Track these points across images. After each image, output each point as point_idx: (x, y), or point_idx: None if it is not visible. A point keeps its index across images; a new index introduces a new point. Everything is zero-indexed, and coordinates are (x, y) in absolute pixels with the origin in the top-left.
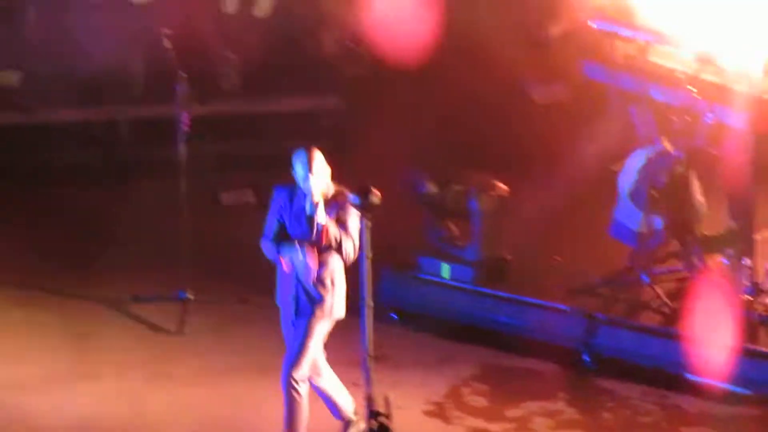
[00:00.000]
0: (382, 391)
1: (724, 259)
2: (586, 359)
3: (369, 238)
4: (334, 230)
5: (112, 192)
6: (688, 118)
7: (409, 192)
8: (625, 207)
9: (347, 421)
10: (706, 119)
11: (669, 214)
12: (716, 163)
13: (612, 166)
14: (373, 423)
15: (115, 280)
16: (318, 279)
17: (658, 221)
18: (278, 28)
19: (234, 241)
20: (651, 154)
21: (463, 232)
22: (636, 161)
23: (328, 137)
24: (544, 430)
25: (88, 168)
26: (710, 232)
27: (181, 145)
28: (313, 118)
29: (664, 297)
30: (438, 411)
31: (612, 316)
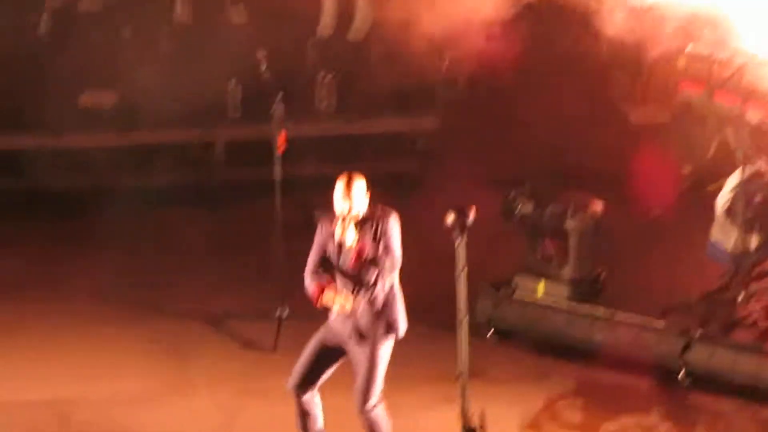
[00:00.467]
0: (478, 407)
1: None
2: (682, 376)
3: (464, 256)
4: (369, 250)
5: (209, 212)
6: None
7: (505, 211)
8: (721, 226)
9: None
10: None
11: (764, 232)
12: None
13: (709, 187)
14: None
15: (210, 297)
16: (370, 305)
17: (753, 240)
18: (374, 49)
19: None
20: (747, 173)
21: (558, 250)
22: (732, 180)
23: (424, 158)
24: None
25: (184, 189)
26: None
27: (277, 166)
28: (409, 139)
29: (760, 314)
30: (534, 426)
31: (707, 333)
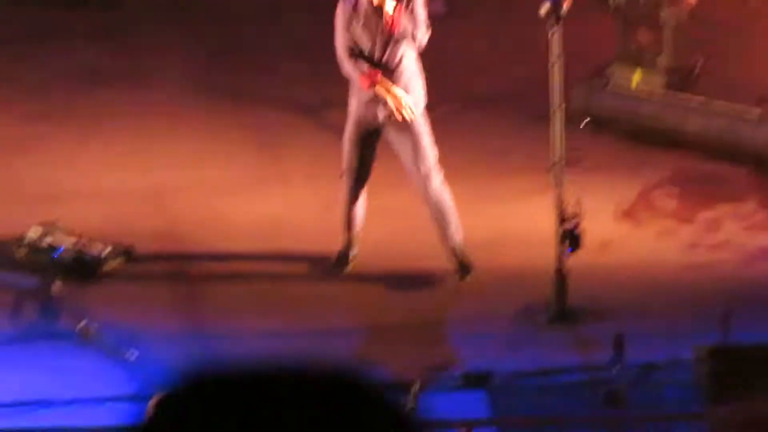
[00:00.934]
0: (573, 196)
1: None
2: None
3: (559, 46)
4: (404, 20)
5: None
6: None
7: (598, 1)
8: None
9: None
10: None
11: None
12: None
13: None
14: (566, 225)
15: (307, 84)
16: (402, 72)
17: None
18: None
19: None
20: None
21: (653, 39)
22: None
23: None
24: (735, 231)
25: None
26: None
27: None
28: None
29: None
30: (629, 215)
31: None
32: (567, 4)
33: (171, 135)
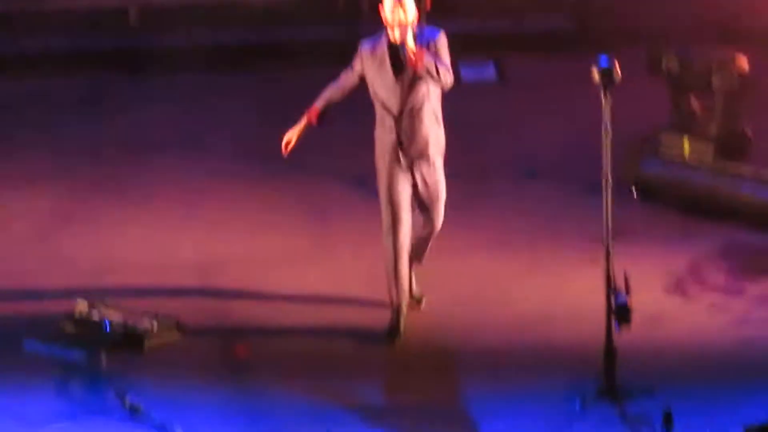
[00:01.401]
0: (622, 267)
1: None
2: None
3: (610, 114)
4: (427, 57)
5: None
6: None
7: (650, 66)
8: None
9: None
10: None
11: None
12: None
13: None
14: (615, 299)
15: (353, 155)
16: (424, 116)
17: None
18: None
19: (472, 118)
20: None
21: (704, 107)
22: None
23: (568, 13)
24: None
25: (329, 45)
26: None
27: (422, 22)
28: None
29: None
30: (678, 287)
31: None
32: (618, 71)
33: (221, 205)
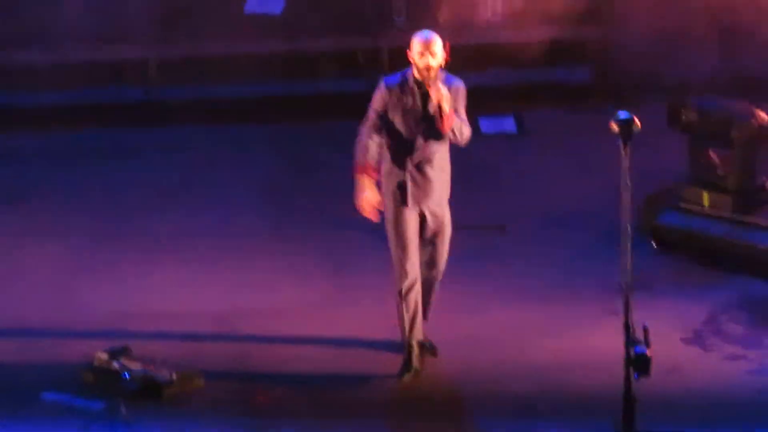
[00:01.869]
0: (640, 320)
1: None
2: None
3: (629, 165)
4: (456, 119)
5: None
6: None
7: (670, 118)
8: None
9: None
10: None
11: None
12: None
13: None
14: (634, 349)
15: None
16: (436, 162)
17: None
18: None
19: (492, 170)
20: None
21: (723, 160)
22: None
23: (591, 63)
24: None
25: (350, 97)
26: None
27: None
28: (576, 47)
29: None
30: (696, 338)
31: None
32: (637, 124)
33: (241, 254)
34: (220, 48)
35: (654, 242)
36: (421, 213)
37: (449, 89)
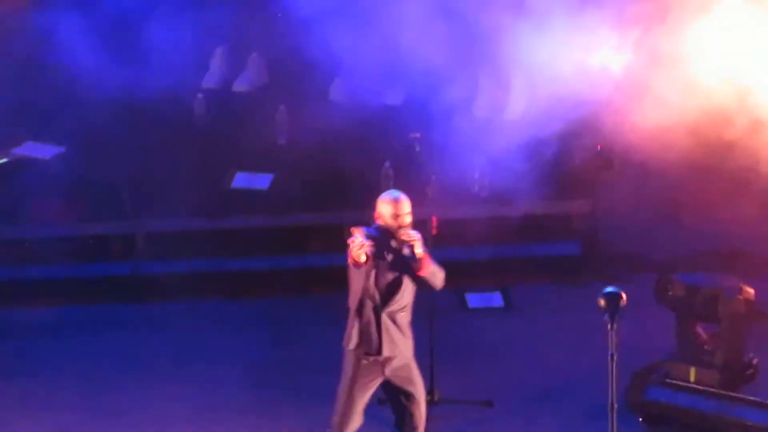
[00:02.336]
0: None
1: None
2: None
3: (615, 341)
4: (432, 263)
5: None
6: None
7: (657, 293)
8: None
9: None
10: None
11: None
12: None
13: None
14: None
15: None
16: (402, 320)
17: None
18: (524, 132)
19: (480, 344)
20: None
21: (710, 335)
22: None
23: (578, 240)
24: None
25: (339, 269)
26: None
27: (430, 249)
28: (563, 222)
29: None
30: None
31: None
32: (623, 300)
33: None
34: (206, 223)
35: (641, 417)
36: (387, 377)
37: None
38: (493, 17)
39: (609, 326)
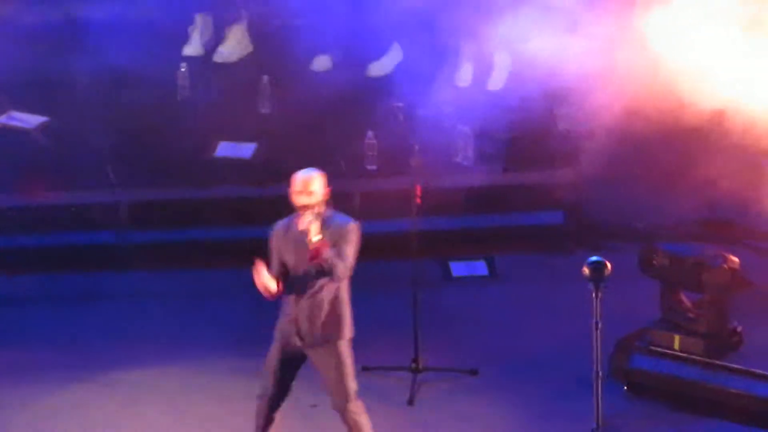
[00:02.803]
0: None
1: None
2: None
3: (600, 310)
4: (328, 252)
5: None
6: None
7: (642, 262)
8: None
9: None
10: None
11: None
12: None
13: None
14: None
15: None
16: (318, 309)
17: None
18: (509, 101)
19: (464, 313)
20: None
21: (694, 304)
22: None
23: (563, 209)
24: None
25: None
26: None
27: (414, 218)
28: (547, 191)
29: None
30: None
31: None
32: (608, 268)
33: (212, 399)
34: (191, 192)
35: (625, 385)
36: (308, 355)
37: (331, 227)
38: None
39: (594, 295)
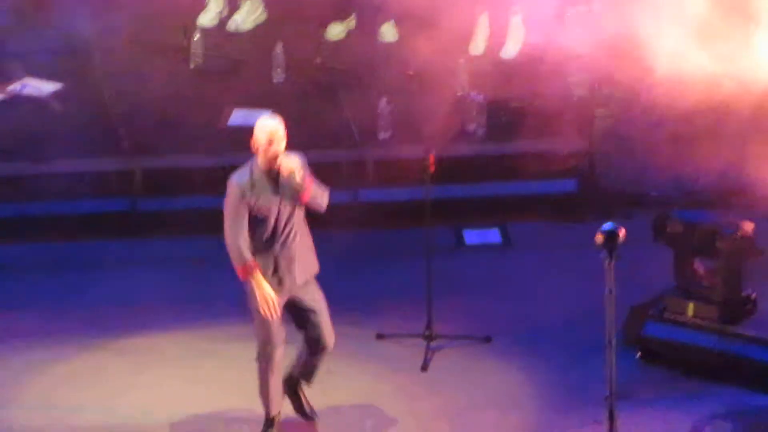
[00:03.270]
0: (625, 430)
1: None
2: None
3: (613, 277)
4: (314, 187)
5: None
6: None
7: (655, 230)
8: None
9: None
10: None
11: None
12: None
13: None
14: None
15: (360, 318)
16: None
17: None
18: (523, 70)
19: (478, 281)
20: None
21: (708, 271)
22: None
23: (576, 177)
24: None
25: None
26: None
27: (428, 186)
28: (558, 159)
29: None
30: None
31: None
32: (621, 235)
33: (224, 365)
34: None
35: (639, 353)
36: (293, 297)
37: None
38: None
39: (607, 263)
